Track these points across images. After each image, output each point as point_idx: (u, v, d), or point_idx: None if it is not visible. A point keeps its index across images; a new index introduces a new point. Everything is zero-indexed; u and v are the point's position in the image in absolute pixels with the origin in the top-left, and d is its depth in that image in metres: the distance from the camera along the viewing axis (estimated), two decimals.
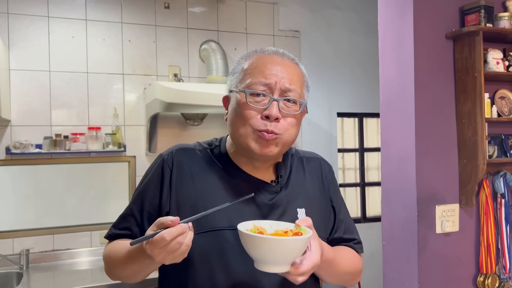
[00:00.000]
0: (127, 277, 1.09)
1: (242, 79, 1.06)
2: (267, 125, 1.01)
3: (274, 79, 1.02)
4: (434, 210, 1.99)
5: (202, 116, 3.19)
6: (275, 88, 1.02)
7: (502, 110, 2.11)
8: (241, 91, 1.03)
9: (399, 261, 2.05)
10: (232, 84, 1.09)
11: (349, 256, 1.17)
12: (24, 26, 2.82)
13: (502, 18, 2.04)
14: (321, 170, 1.22)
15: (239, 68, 1.09)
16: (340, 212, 1.21)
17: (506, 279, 2.08)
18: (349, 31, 3.78)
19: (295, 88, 1.04)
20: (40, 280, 2.50)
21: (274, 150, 1.05)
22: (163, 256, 0.87)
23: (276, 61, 1.05)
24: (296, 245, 0.89)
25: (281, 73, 1.04)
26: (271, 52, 1.08)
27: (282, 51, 1.10)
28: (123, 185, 3.03)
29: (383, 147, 2.16)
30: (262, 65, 1.04)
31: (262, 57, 1.07)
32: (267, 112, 1.01)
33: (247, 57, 1.09)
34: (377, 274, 2.58)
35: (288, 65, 1.06)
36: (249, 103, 1.02)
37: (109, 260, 1.10)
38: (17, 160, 2.77)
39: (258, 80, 1.03)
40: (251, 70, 1.05)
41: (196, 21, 3.26)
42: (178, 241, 0.86)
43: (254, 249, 0.89)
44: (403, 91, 2.02)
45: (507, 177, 2.08)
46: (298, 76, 1.07)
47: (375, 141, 3.97)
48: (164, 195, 1.07)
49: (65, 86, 2.90)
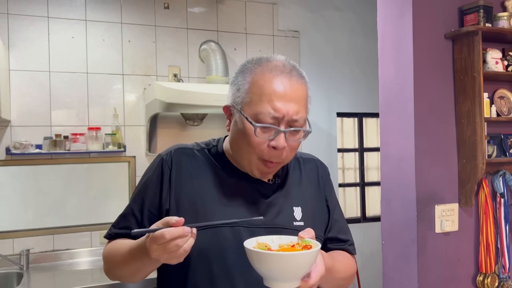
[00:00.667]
0: (127, 277, 1.09)
1: (249, 102, 1.02)
2: (272, 156, 1.03)
3: (283, 112, 1.00)
4: (434, 209, 2.00)
5: (202, 116, 3.19)
6: (283, 119, 1.01)
7: (501, 109, 2.12)
8: (249, 121, 1.00)
9: (399, 260, 2.05)
10: (237, 102, 1.04)
11: (345, 261, 1.18)
12: (24, 26, 2.82)
13: (501, 18, 2.04)
14: (318, 170, 1.24)
15: (245, 86, 1.03)
16: (335, 212, 1.22)
17: (505, 279, 2.08)
18: (348, 32, 3.78)
19: (301, 117, 1.03)
20: (40, 280, 2.51)
21: (273, 173, 1.11)
22: (159, 254, 0.88)
23: (284, 85, 1.01)
24: (308, 259, 0.88)
25: (290, 101, 1.00)
26: (279, 71, 1.02)
27: (289, 65, 1.05)
28: (123, 185, 3.03)
29: (382, 147, 2.16)
30: (271, 92, 1.00)
31: (269, 77, 1.01)
32: (274, 144, 1.01)
33: (252, 71, 1.04)
34: (377, 273, 2.59)
35: (295, 87, 1.02)
36: (258, 135, 1.01)
37: (109, 259, 1.11)
38: (17, 160, 2.77)
39: (267, 112, 0.99)
40: (259, 96, 1.00)
41: (195, 22, 3.26)
42: (177, 243, 0.86)
43: (265, 266, 0.87)
44: (403, 91, 2.02)
45: (507, 176, 2.09)
46: (304, 98, 1.05)
47: (375, 141, 3.98)
48: (164, 194, 1.08)
49: (65, 86, 2.91)
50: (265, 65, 1.03)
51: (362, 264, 3.55)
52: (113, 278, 1.13)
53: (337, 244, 1.20)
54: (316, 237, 1.00)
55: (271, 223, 1.07)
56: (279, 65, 1.03)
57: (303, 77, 1.07)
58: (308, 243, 0.92)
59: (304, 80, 1.06)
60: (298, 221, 1.11)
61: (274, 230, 1.04)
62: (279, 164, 1.06)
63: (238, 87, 1.05)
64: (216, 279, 1.04)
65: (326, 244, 1.19)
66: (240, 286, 1.04)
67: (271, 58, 1.05)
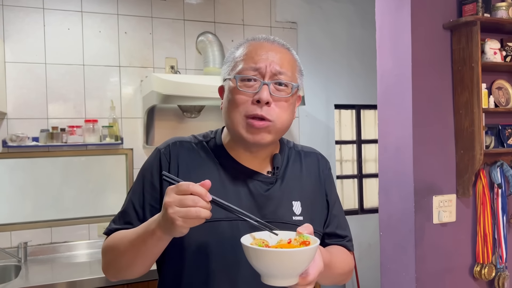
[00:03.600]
0: (129, 266, 1.03)
1: (233, 66, 1.06)
2: (258, 110, 1.01)
3: (264, 63, 1.02)
4: (431, 200, 2.00)
5: (200, 108, 3.18)
6: (265, 71, 1.02)
7: (499, 100, 2.12)
8: (233, 78, 1.04)
9: (397, 251, 2.06)
10: (225, 73, 1.09)
11: (342, 256, 1.17)
12: (19, 18, 2.80)
13: (499, 8, 2.03)
14: (319, 164, 1.22)
15: (231, 57, 1.09)
16: (334, 207, 1.21)
17: (502, 269, 2.09)
18: (346, 23, 3.76)
19: (286, 71, 1.04)
20: (38, 273, 2.51)
21: (267, 138, 1.04)
22: (174, 205, 0.84)
23: (267, 47, 1.06)
24: (307, 256, 0.86)
25: (272, 57, 1.04)
26: (262, 39, 1.08)
27: (273, 37, 1.10)
28: (120, 178, 3.03)
29: (380, 139, 2.16)
30: (253, 51, 1.05)
31: (253, 44, 1.07)
32: (257, 96, 1.01)
33: (238, 46, 1.10)
34: (375, 264, 2.60)
35: (278, 50, 1.06)
36: (240, 88, 1.02)
37: (111, 250, 1.06)
38: (14, 153, 2.76)
39: (249, 66, 1.03)
40: (242, 57, 1.05)
41: (192, 13, 3.24)
42: (194, 199, 0.84)
43: (262, 263, 0.85)
44: (400, 82, 2.02)
45: (504, 167, 2.09)
46: (289, 60, 1.07)
47: (373, 132, 3.98)
48: (164, 187, 1.06)
49: (61, 78, 2.89)
50: (250, 39, 1.10)
51: (360, 255, 3.56)
52: (112, 273, 1.09)
53: (335, 239, 1.19)
54: (315, 232, 0.99)
55: (270, 217, 1.06)
56: (263, 36, 1.10)
57: (288, 46, 1.11)
58: (307, 238, 0.91)
59: (288, 48, 1.10)
60: (297, 215, 1.10)
61: (273, 225, 1.01)
62: (269, 125, 1.02)
63: (226, 61, 1.10)
64: (213, 273, 1.03)
65: (324, 239, 1.18)
66: (237, 280, 1.03)
67: (256, 35, 1.12)
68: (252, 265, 0.88)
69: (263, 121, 1.02)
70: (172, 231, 0.87)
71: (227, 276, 1.03)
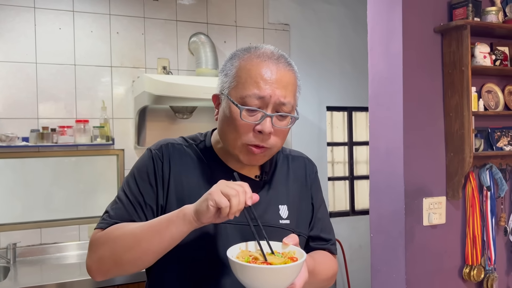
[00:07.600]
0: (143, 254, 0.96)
1: (235, 86, 1.02)
2: (258, 140, 1.01)
3: (269, 92, 1.00)
4: (422, 202, 2.01)
5: (192, 109, 3.17)
6: (269, 102, 1.00)
7: (488, 104, 2.14)
8: (235, 104, 1.01)
9: (387, 253, 2.07)
10: (224, 87, 1.05)
11: (326, 262, 1.17)
12: (10, 17, 2.77)
13: (489, 13, 2.06)
14: (306, 168, 1.23)
15: (232, 71, 1.04)
16: (319, 211, 1.22)
17: (491, 270, 2.11)
18: (338, 25, 3.78)
19: (289, 102, 1.03)
20: (27, 274, 2.48)
21: (262, 160, 1.08)
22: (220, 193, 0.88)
23: (271, 69, 1.01)
24: (293, 272, 0.87)
25: (276, 84, 1.01)
26: (266, 57, 1.03)
27: (278, 53, 1.06)
28: (111, 179, 3.01)
29: (371, 141, 2.17)
30: (257, 74, 1.01)
31: (257, 62, 1.02)
32: (260, 128, 1.00)
33: (240, 58, 1.05)
34: (365, 266, 2.61)
35: (283, 73, 1.03)
36: (243, 118, 1.00)
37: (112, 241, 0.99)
38: (3, 153, 2.73)
39: (253, 93, 1.00)
40: (245, 79, 1.01)
41: (185, 14, 3.24)
42: (236, 188, 0.89)
43: (248, 278, 0.85)
44: (392, 84, 2.03)
45: (493, 170, 2.11)
46: (292, 84, 1.05)
47: (364, 134, 4.00)
48: (159, 188, 1.06)
49: (52, 78, 2.87)
50: (253, 52, 1.05)
51: (350, 257, 3.58)
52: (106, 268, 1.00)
53: (319, 243, 1.20)
54: (300, 235, 0.99)
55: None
56: (267, 52, 1.05)
57: (291, 65, 1.07)
58: (293, 253, 0.91)
59: (292, 68, 1.06)
60: (284, 219, 1.11)
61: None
62: (266, 150, 1.04)
63: (226, 72, 1.06)
64: (201, 276, 1.03)
65: (308, 242, 1.18)
66: (226, 283, 1.03)
67: (260, 46, 1.07)
68: (238, 279, 0.88)
69: (262, 148, 1.03)
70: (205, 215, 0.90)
71: (215, 280, 1.03)
